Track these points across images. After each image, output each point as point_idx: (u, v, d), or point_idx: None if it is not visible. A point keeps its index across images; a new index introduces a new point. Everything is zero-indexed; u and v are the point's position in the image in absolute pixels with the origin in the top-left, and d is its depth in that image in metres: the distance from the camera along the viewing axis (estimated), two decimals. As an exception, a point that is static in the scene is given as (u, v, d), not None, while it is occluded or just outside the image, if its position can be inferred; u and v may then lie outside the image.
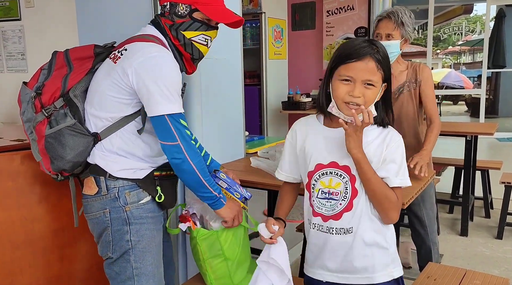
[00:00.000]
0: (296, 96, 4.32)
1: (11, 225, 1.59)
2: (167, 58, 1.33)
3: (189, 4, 1.39)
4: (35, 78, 1.42)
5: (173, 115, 1.30)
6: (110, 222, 1.38)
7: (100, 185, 1.38)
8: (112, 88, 1.33)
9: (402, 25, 2.04)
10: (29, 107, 1.38)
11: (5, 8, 3.01)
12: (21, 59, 2.96)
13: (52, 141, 1.35)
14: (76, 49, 1.44)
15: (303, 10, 4.80)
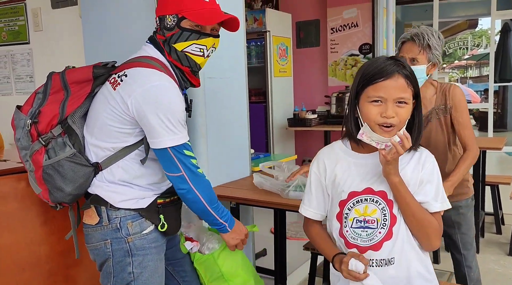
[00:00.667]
0: (301, 113, 4.32)
1: (17, 247, 1.59)
2: (168, 86, 1.26)
3: (176, 14, 1.30)
4: (29, 103, 1.33)
5: (176, 147, 1.26)
6: (112, 253, 1.33)
7: (101, 214, 1.33)
8: (112, 117, 1.27)
9: (429, 48, 1.81)
10: (24, 134, 1.31)
11: (14, 32, 3.08)
12: (29, 81, 3.02)
13: (50, 172, 1.29)
14: (74, 72, 1.35)
15: (308, 28, 4.85)
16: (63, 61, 2.80)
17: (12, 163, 1.82)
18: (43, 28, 2.92)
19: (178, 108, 1.27)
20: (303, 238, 3.05)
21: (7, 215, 1.56)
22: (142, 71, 1.28)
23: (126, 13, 1.96)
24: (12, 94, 3.12)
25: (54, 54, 2.86)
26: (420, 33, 1.82)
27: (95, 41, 2.09)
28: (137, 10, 1.90)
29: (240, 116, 2.27)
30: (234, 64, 2.18)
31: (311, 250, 2.30)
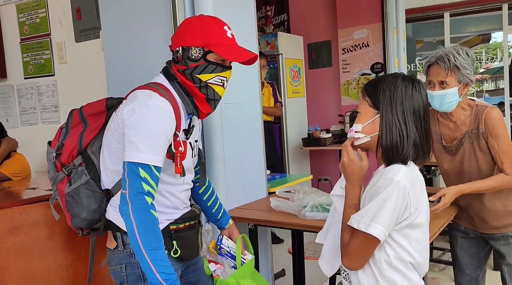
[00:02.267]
0: (316, 133, 4.37)
1: (47, 272, 1.67)
2: (156, 106, 1.26)
3: (202, 47, 1.34)
4: (57, 138, 1.45)
5: (132, 164, 1.22)
6: (126, 278, 1.37)
7: (117, 240, 1.38)
8: (116, 139, 1.32)
9: (457, 69, 1.72)
10: (51, 166, 1.43)
11: (40, 65, 3.25)
12: (54, 111, 3.16)
13: (70, 199, 1.38)
14: (90, 105, 1.46)
15: (319, 49, 4.95)
16: (86, 91, 2.94)
17: (41, 190, 1.91)
18: (67, 61, 3.07)
19: (156, 129, 1.24)
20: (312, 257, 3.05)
21: (38, 241, 1.65)
22: (138, 92, 1.32)
23: (146, 47, 2.06)
24: (38, 123, 3.26)
25: (78, 85, 2.99)
26: (445, 54, 1.73)
27: (117, 72, 2.20)
28: (157, 44, 1.99)
29: (255, 139, 2.33)
30: (248, 88, 2.26)
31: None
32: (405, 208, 1.12)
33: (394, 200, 1.10)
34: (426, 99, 1.21)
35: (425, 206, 1.19)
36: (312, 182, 4.69)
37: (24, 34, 3.31)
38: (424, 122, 1.18)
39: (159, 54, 1.98)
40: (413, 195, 1.12)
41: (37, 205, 1.69)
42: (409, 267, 1.18)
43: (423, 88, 1.20)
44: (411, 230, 1.15)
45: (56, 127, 3.22)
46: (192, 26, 1.36)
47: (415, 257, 1.18)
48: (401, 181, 1.10)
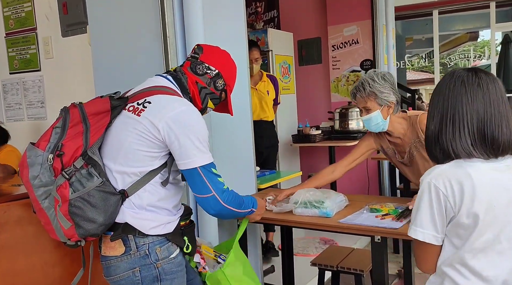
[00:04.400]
0: (305, 129, 4.37)
1: (32, 270, 1.64)
2: (194, 111, 1.37)
3: (226, 84, 1.53)
4: (46, 138, 1.31)
5: (205, 166, 1.34)
6: (141, 281, 1.34)
7: (128, 243, 1.33)
8: (140, 142, 1.31)
9: (374, 94, 1.88)
10: (44, 170, 1.28)
11: (26, 60, 3.19)
12: (40, 107, 3.11)
13: (79, 205, 1.27)
14: (92, 104, 1.37)
15: (309, 46, 4.95)
16: (73, 87, 2.90)
17: (26, 187, 1.88)
18: (54, 56, 3.03)
19: (205, 131, 1.37)
20: (310, 254, 3.07)
21: (23, 239, 1.62)
22: (166, 98, 1.37)
23: (133, 41, 2.04)
24: (24, 119, 3.21)
25: (65, 81, 2.95)
26: (361, 83, 1.91)
27: (104, 68, 2.17)
28: (145, 39, 1.98)
29: (245, 135, 2.32)
30: (238, 85, 2.24)
31: (318, 266, 2.33)
32: (445, 207, 1.11)
33: (427, 201, 1.11)
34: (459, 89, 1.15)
35: (488, 206, 1.09)
36: (301, 178, 4.71)
37: (9, 29, 3.25)
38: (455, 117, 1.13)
39: (147, 49, 1.97)
40: (451, 193, 1.09)
41: (22, 201, 1.65)
42: (468, 276, 1.12)
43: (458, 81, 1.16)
44: (463, 231, 1.11)
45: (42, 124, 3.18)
46: (229, 62, 1.56)
47: (471, 264, 1.11)
48: (430, 182, 1.12)
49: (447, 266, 1.16)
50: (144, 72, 1.98)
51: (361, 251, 2.46)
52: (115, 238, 1.34)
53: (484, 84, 1.14)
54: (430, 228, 1.13)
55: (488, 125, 1.11)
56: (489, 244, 1.11)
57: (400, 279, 3.00)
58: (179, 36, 1.89)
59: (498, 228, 1.10)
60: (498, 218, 1.10)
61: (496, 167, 1.12)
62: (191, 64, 1.49)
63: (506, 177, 1.12)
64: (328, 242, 3.52)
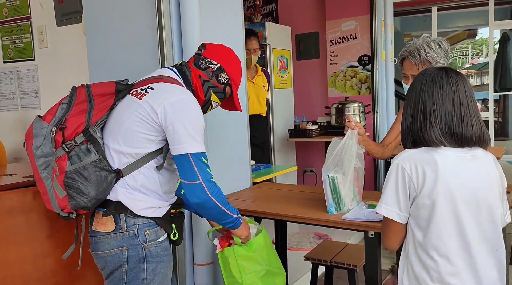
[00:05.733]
0: (302, 124, 4.36)
1: (23, 261, 1.63)
2: (193, 101, 1.42)
3: (229, 78, 1.56)
4: (52, 113, 1.40)
5: (196, 154, 1.36)
6: (127, 260, 1.39)
7: (119, 222, 1.38)
8: (139, 124, 1.36)
9: (429, 63, 1.76)
10: (47, 142, 1.37)
11: (20, 49, 3.16)
12: (34, 97, 3.08)
13: (74, 177, 1.34)
14: (98, 85, 1.45)
15: (307, 40, 4.92)
16: (67, 77, 2.87)
17: (18, 177, 1.86)
18: (48, 45, 2.99)
19: (200, 121, 1.40)
20: (304, 248, 3.07)
21: (14, 229, 1.60)
22: (168, 85, 1.43)
23: (128, 30, 2.02)
24: (18, 109, 3.18)
25: (59, 71, 2.92)
26: (416, 49, 1.76)
27: (99, 58, 2.15)
28: (140, 29, 1.95)
29: (240, 129, 2.31)
30: (234, 78, 2.23)
31: (312, 261, 2.32)
32: (409, 188, 1.21)
33: (394, 180, 1.22)
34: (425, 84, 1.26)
35: (448, 190, 1.17)
36: (297, 173, 4.70)
37: (3, 17, 3.20)
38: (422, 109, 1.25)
39: (142, 39, 1.95)
40: (415, 174, 1.19)
41: (13, 191, 1.64)
42: (431, 258, 1.19)
43: None
44: (424, 211, 1.19)
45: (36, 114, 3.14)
46: (232, 57, 1.59)
47: (434, 245, 1.19)
48: (398, 163, 1.22)
49: (414, 247, 1.23)
50: (138, 62, 1.96)
51: (355, 247, 2.46)
52: (106, 214, 1.38)
53: (453, 82, 1.23)
54: (394, 206, 1.22)
55: (456, 120, 1.21)
56: (452, 228, 1.18)
57: (393, 275, 3.01)
58: (174, 26, 1.87)
59: (458, 212, 1.18)
60: (456, 202, 1.18)
61: (462, 156, 1.21)
62: (195, 59, 1.56)
63: (470, 166, 1.21)
64: (322, 237, 3.53)
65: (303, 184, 4.87)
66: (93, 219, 1.44)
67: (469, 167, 1.21)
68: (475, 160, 1.22)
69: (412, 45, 1.80)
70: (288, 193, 2.26)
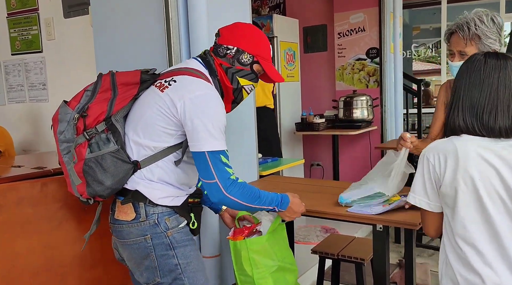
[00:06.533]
0: (309, 118, 4.34)
1: (32, 251, 1.63)
2: (215, 96, 1.38)
3: (253, 55, 1.48)
4: (77, 99, 1.40)
5: (214, 152, 1.33)
6: (153, 248, 1.39)
7: (138, 211, 1.39)
8: (159, 117, 1.35)
9: (478, 38, 1.61)
10: (70, 128, 1.38)
11: (27, 41, 3.16)
12: (42, 89, 3.08)
13: (92, 165, 1.35)
14: (123, 74, 1.43)
15: (315, 33, 4.88)
16: (75, 69, 2.87)
17: (26, 168, 1.87)
18: (56, 37, 2.99)
19: (221, 117, 1.36)
20: (311, 242, 3.06)
21: (22, 220, 1.61)
22: (191, 79, 1.40)
23: (135, 22, 2.01)
24: (26, 101, 3.19)
25: (66, 63, 2.92)
26: (466, 22, 1.62)
27: (106, 49, 2.14)
28: (147, 21, 1.94)
29: (248, 123, 2.30)
30: (241, 70, 2.22)
31: (319, 254, 2.32)
32: (433, 177, 1.21)
33: (420, 170, 1.24)
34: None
35: (472, 180, 1.14)
36: (304, 166, 4.69)
37: (11, 9, 3.21)
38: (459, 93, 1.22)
39: (149, 31, 1.94)
40: (438, 164, 1.19)
41: (21, 182, 1.64)
42: (460, 247, 1.18)
43: None
44: (449, 200, 1.19)
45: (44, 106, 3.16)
46: (248, 34, 1.49)
47: (461, 234, 1.18)
48: (424, 153, 1.24)
49: (447, 236, 1.24)
50: (146, 54, 1.95)
51: (362, 240, 2.45)
52: (125, 202, 1.40)
53: (489, 68, 1.18)
54: (422, 195, 1.25)
55: (481, 110, 1.17)
56: (476, 217, 1.16)
57: (400, 268, 2.99)
58: (182, 17, 1.86)
59: (482, 201, 1.15)
60: (479, 192, 1.14)
61: (489, 145, 1.16)
62: (214, 48, 1.52)
63: (500, 155, 1.15)
64: (329, 231, 3.52)
65: (310, 177, 4.86)
66: (114, 206, 1.45)
67: (498, 156, 1.14)
68: (506, 149, 1.15)
69: (461, 18, 1.65)
70: (295, 186, 2.25)
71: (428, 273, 2.83)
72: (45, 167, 1.79)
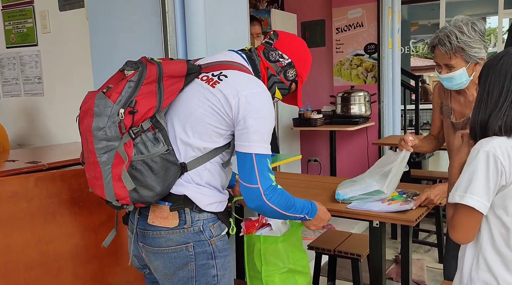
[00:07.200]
0: (307, 113, 4.33)
1: (26, 246, 1.62)
2: (269, 96, 1.30)
3: (297, 75, 1.45)
4: (119, 91, 1.19)
5: (262, 155, 1.24)
6: (194, 257, 1.29)
7: (183, 217, 1.28)
8: (211, 115, 1.25)
9: (462, 50, 1.58)
10: (112, 124, 1.18)
11: (23, 34, 3.13)
12: (37, 83, 3.05)
13: (141, 168, 1.20)
14: (170, 65, 1.27)
15: (313, 28, 4.86)
16: (70, 62, 2.84)
17: (21, 163, 1.85)
18: (51, 30, 2.96)
19: (272, 120, 1.29)
20: (308, 237, 3.06)
21: (16, 215, 1.60)
22: (244, 75, 1.31)
23: (131, 15, 1.99)
24: (21, 95, 3.16)
25: (62, 56, 2.89)
26: (446, 36, 1.59)
27: (101, 42, 2.12)
28: (144, 14, 1.92)
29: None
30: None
31: (315, 250, 2.32)
32: (500, 177, 1.11)
33: (484, 169, 1.11)
34: None
35: None
36: (301, 162, 4.68)
37: (6, 1, 3.17)
38: None
39: (145, 24, 1.92)
40: (509, 163, 1.10)
41: (16, 177, 1.63)
42: (510, 249, 1.14)
43: None
44: (511, 203, 1.13)
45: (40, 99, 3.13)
46: (303, 52, 1.46)
47: None
48: (489, 151, 1.11)
49: (491, 239, 1.17)
50: (142, 48, 1.93)
51: (359, 236, 2.45)
52: (174, 209, 1.28)
53: None
54: (483, 197, 1.12)
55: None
56: None
57: (397, 264, 3.00)
58: (178, 11, 1.84)
59: None
60: None
61: None
62: (264, 49, 1.44)
63: None
64: (326, 227, 3.51)
65: (307, 173, 4.86)
66: (146, 210, 1.32)
67: None
68: None
69: (442, 30, 1.62)
70: (292, 182, 2.25)
71: (424, 269, 2.84)
72: (40, 162, 1.78)
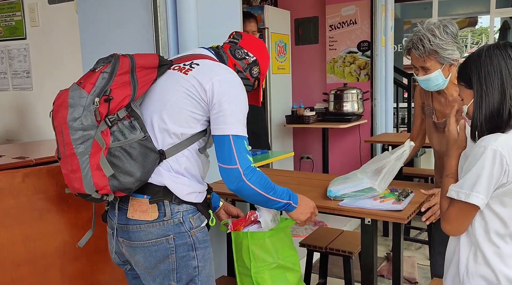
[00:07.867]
0: (300, 110, 4.32)
1: (13, 243, 1.59)
2: (240, 82, 1.35)
3: (260, 73, 1.51)
4: (93, 81, 1.22)
5: (239, 136, 1.28)
6: (175, 249, 1.30)
7: (162, 209, 1.29)
8: (187, 101, 1.28)
9: (435, 52, 1.61)
10: (88, 113, 1.19)
11: (11, 27, 3.08)
12: (26, 77, 3.01)
13: (119, 154, 1.22)
14: (142, 57, 1.31)
15: (306, 25, 4.85)
16: (59, 56, 2.80)
17: (8, 158, 1.82)
18: (40, 24, 2.92)
19: (246, 103, 1.34)
20: (299, 235, 3.06)
21: (3, 211, 1.56)
22: (214, 63, 1.37)
23: (121, 9, 1.96)
24: (9, 89, 3.11)
25: (51, 50, 2.85)
26: (419, 39, 1.62)
27: (91, 36, 2.09)
28: (133, 7, 1.90)
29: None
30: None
31: (307, 247, 2.31)
32: (503, 174, 1.12)
33: (490, 168, 1.11)
34: None
35: None
36: (294, 159, 4.67)
37: (-6, -6, 3.12)
38: None
39: (135, 18, 1.89)
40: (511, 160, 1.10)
41: (2, 172, 1.60)
42: (507, 242, 1.17)
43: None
44: (510, 199, 1.15)
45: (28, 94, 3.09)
46: (265, 52, 1.53)
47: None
48: (496, 149, 1.10)
49: (486, 233, 1.18)
50: (132, 41, 1.91)
51: (351, 233, 2.45)
52: (153, 201, 1.29)
53: None
54: (484, 194, 1.13)
55: None
56: None
57: (388, 262, 3.01)
58: (169, 5, 1.82)
59: None
60: None
61: None
62: (230, 47, 1.49)
63: None
64: (318, 224, 3.52)
65: (300, 170, 4.86)
66: (125, 205, 1.32)
67: None
68: None
69: (416, 34, 1.66)
70: (284, 179, 2.23)
71: (415, 266, 2.85)
72: (27, 157, 1.74)
